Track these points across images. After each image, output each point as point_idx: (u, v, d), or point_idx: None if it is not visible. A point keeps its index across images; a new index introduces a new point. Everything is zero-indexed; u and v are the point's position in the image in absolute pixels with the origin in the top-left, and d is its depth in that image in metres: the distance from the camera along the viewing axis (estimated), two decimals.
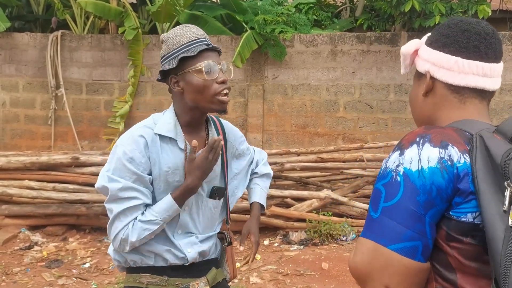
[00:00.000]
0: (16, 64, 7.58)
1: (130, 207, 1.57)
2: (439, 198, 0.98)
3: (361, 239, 1.04)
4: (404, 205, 0.98)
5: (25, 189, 5.08)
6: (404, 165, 1.01)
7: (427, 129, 1.05)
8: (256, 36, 6.99)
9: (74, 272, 4.25)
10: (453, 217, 0.98)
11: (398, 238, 0.98)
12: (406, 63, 1.22)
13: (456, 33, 1.11)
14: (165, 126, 1.65)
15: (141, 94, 7.45)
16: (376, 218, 1.02)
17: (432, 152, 1.00)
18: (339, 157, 5.69)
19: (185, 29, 1.65)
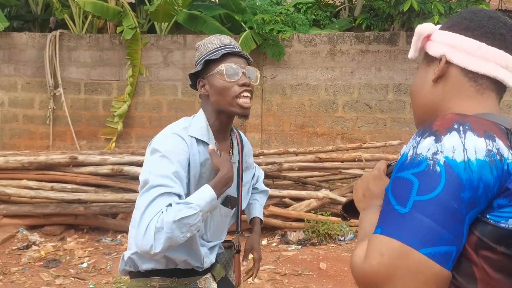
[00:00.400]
0: (14, 64, 7.57)
1: (164, 193, 1.46)
2: (484, 197, 0.83)
3: (381, 237, 0.84)
4: (445, 201, 0.81)
5: (23, 189, 5.08)
6: (444, 154, 0.84)
7: (462, 116, 0.89)
8: (255, 36, 6.99)
9: (72, 271, 4.24)
10: (491, 221, 0.84)
11: (434, 241, 0.80)
12: (417, 46, 1.09)
13: (481, 18, 1.00)
14: (199, 130, 1.67)
15: (139, 94, 7.45)
16: (405, 213, 0.83)
17: (479, 143, 0.84)
18: (338, 157, 5.69)
19: (216, 37, 1.74)
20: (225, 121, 1.72)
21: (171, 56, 7.34)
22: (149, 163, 1.56)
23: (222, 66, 1.64)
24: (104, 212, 5.09)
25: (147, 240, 1.40)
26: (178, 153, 1.56)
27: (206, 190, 1.52)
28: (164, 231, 1.39)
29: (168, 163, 1.52)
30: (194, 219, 1.44)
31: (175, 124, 1.68)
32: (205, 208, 1.48)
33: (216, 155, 1.61)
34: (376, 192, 1.06)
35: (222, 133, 1.74)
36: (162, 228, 1.39)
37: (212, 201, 1.51)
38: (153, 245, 1.39)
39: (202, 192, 1.51)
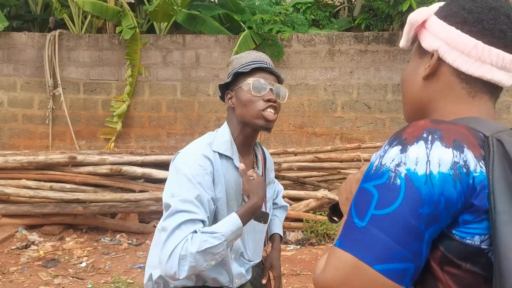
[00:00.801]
0: (14, 64, 7.57)
1: (188, 220, 1.46)
2: (446, 212, 0.77)
3: (337, 250, 0.81)
4: (402, 216, 0.77)
5: (22, 189, 5.08)
6: (407, 166, 0.79)
7: (435, 123, 0.83)
8: (254, 36, 6.99)
9: (71, 271, 4.25)
10: (456, 237, 0.78)
11: (389, 258, 0.76)
12: (410, 35, 1.00)
13: (481, 9, 0.89)
14: (223, 145, 1.66)
15: (138, 94, 7.45)
16: (361, 227, 0.79)
17: (445, 154, 0.78)
18: (336, 157, 5.69)
19: (251, 52, 1.75)
20: (249, 135, 1.71)
21: (170, 56, 7.34)
22: (172, 185, 1.55)
23: (250, 80, 1.64)
24: (103, 212, 5.10)
25: (170, 266, 1.42)
26: (202, 174, 1.55)
27: (233, 219, 1.52)
28: (188, 260, 1.41)
29: (191, 187, 1.52)
30: (218, 248, 1.45)
31: (199, 141, 1.68)
32: (230, 237, 1.49)
33: (248, 178, 1.59)
34: None
35: (246, 147, 1.74)
36: (186, 256, 1.41)
37: (238, 230, 1.51)
38: (177, 271, 1.42)
39: (229, 220, 1.52)
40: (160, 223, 1.52)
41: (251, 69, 1.66)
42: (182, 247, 1.42)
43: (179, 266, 1.41)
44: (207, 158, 1.59)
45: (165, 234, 1.46)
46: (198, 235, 1.44)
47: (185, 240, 1.43)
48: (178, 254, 1.41)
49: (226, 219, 1.52)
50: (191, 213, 1.47)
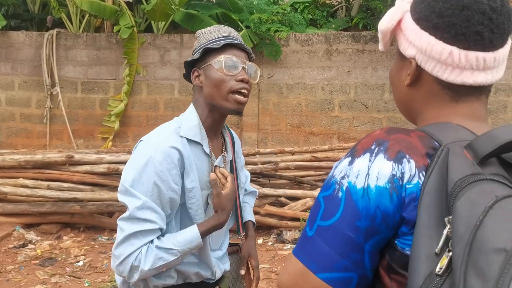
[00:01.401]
0: (11, 63, 7.57)
1: (145, 230, 1.39)
2: (385, 225, 0.78)
3: (291, 256, 0.86)
4: (341, 229, 0.79)
5: (19, 187, 5.08)
6: (349, 178, 0.80)
7: (387, 134, 0.83)
8: (252, 35, 7.00)
9: (68, 270, 4.25)
10: (398, 247, 0.79)
11: (330, 267, 0.79)
12: (385, 41, 0.96)
13: (452, 11, 0.83)
14: (191, 130, 1.54)
15: (136, 93, 7.45)
16: (310, 236, 0.82)
17: (384, 167, 0.78)
18: (334, 156, 5.71)
19: (219, 27, 1.62)
20: (218, 119, 1.60)
21: (168, 55, 7.35)
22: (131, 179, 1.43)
23: (222, 57, 1.52)
24: (100, 211, 5.11)
25: (121, 271, 1.41)
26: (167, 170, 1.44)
27: (193, 235, 1.46)
28: (139, 272, 1.40)
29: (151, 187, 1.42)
30: (172, 262, 1.44)
31: (164, 129, 1.55)
32: (187, 251, 1.46)
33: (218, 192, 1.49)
34: None
35: (214, 131, 1.63)
36: (138, 268, 1.39)
37: (196, 247, 1.47)
38: (127, 277, 1.42)
39: (188, 235, 1.45)
40: (119, 221, 1.44)
41: (222, 45, 1.53)
42: (136, 257, 1.39)
43: (129, 273, 1.40)
44: (174, 149, 1.46)
45: (121, 236, 1.41)
46: (154, 251, 1.39)
47: (139, 251, 1.39)
48: (131, 263, 1.38)
49: (186, 234, 1.45)
50: (148, 223, 1.40)
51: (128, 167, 1.47)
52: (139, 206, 1.40)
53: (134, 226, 1.39)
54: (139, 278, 1.41)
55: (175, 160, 1.46)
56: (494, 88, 6.89)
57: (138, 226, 1.39)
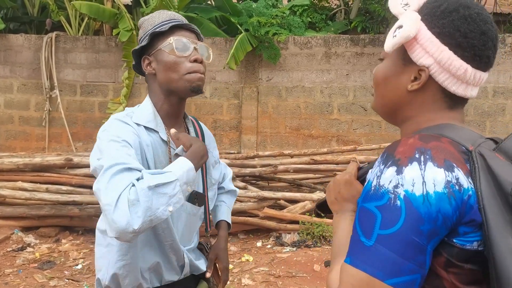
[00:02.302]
0: (10, 66, 7.57)
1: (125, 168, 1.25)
2: (444, 227, 0.85)
3: (350, 268, 0.88)
4: (406, 235, 0.84)
5: (18, 191, 5.08)
6: (405, 187, 0.85)
7: (424, 141, 0.89)
8: (251, 38, 7.01)
9: (66, 273, 4.24)
10: (457, 244, 0.87)
11: (398, 272, 0.84)
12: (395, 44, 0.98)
13: (475, 34, 0.94)
14: (145, 117, 1.49)
15: (135, 96, 7.45)
16: (370, 246, 0.86)
17: (438, 174, 0.85)
18: (332, 159, 5.71)
19: (162, 11, 1.57)
20: (176, 103, 1.54)
21: None
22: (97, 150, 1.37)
23: (171, 39, 1.46)
24: (99, 214, 5.05)
25: (120, 216, 1.16)
26: (126, 135, 1.38)
27: (182, 160, 1.35)
28: (140, 201, 1.18)
29: (119, 145, 1.34)
30: (172, 188, 1.25)
31: (117, 114, 1.49)
32: (183, 178, 1.30)
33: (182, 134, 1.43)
34: (347, 197, 1.09)
35: (174, 118, 1.56)
36: (137, 199, 1.18)
37: (190, 171, 1.32)
38: (129, 221, 1.16)
39: (178, 162, 1.34)
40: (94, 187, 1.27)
41: (169, 28, 1.48)
42: (129, 191, 1.19)
43: (131, 213, 1.17)
44: (127, 124, 1.42)
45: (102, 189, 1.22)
46: (146, 176, 1.24)
47: (130, 185, 1.20)
48: (126, 199, 1.17)
49: (175, 162, 1.34)
50: (126, 164, 1.26)
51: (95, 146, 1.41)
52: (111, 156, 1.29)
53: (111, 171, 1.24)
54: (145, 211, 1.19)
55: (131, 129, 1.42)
56: (493, 91, 6.91)
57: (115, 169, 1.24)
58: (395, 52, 1.02)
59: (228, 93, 7.28)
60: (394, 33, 0.99)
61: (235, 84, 7.29)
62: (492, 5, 8.70)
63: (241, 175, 5.42)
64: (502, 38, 6.85)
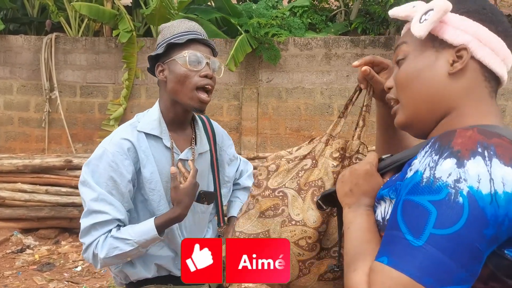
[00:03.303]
0: (10, 67, 7.56)
1: (101, 222, 1.47)
2: (506, 233, 0.74)
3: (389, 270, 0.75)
4: (466, 237, 0.72)
5: (17, 192, 5.07)
6: (468, 183, 0.73)
7: (485, 136, 0.78)
8: (251, 39, 7.00)
9: (66, 275, 4.23)
10: (508, 256, 0.76)
11: (450, 280, 0.72)
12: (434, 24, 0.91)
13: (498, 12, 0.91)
14: (149, 124, 1.57)
15: (135, 97, 7.44)
16: (418, 246, 0.74)
17: (507, 173, 0.74)
18: None
19: (183, 21, 1.62)
20: (181, 113, 1.61)
21: None
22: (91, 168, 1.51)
23: (186, 53, 1.52)
24: None
25: (87, 258, 1.52)
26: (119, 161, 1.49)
27: (149, 227, 1.47)
28: (99, 261, 1.49)
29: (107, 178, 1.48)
30: (131, 252, 1.48)
31: (124, 124, 1.62)
32: (144, 243, 1.48)
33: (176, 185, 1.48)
34: (365, 190, 0.96)
35: (179, 124, 1.63)
36: (97, 256, 1.47)
37: (153, 236, 1.47)
38: (93, 263, 1.53)
39: (144, 227, 1.47)
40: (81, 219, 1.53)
41: (186, 41, 1.54)
42: (96, 246, 1.47)
43: (93, 261, 1.51)
44: (126, 140, 1.52)
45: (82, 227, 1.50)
46: (109, 241, 1.46)
47: (97, 242, 1.47)
48: (92, 251, 1.48)
49: (142, 225, 1.49)
50: (104, 214, 1.47)
51: (88, 160, 1.55)
52: (94, 198, 1.47)
53: (91, 218, 1.48)
54: (102, 266, 1.51)
55: (126, 150, 1.51)
56: None
57: (95, 218, 1.47)
58: (420, 43, 0.95)
59: (228, 95, 7.27)
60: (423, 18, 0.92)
61: (235, 86, 7.28)
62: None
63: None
64: None
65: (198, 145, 1.67)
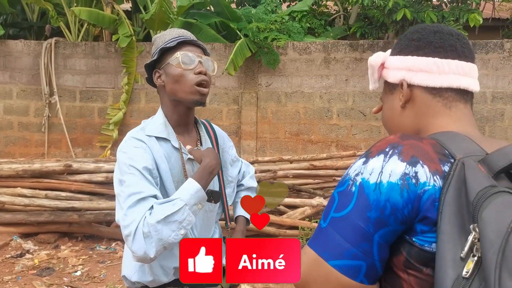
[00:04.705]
0: (10, 71, 7.58)
1: (140, 199, 1.43)
2: (393, 217, 0.85)
3: (306, 247, 0.94)
4: (353, 219, 0.87)
5: (17, 197, 5.07)
6: (363, 175, 0.89)
7: (401, 139, 0.91)
8: (250, 44, 7.02)
9: (65, 280, 4.23)
10: (416, 244, 0.86)
11: (340, 254, 0.87)
12: (375, 77, 1.11)
13: (427, 35, 1.03)
14: (156, 128, 1.63)
15: (134, 102, 7.46)
16: (323, 228, 0.91)
17: (398, 167, 0.86)
18: (332, 164, 5.70)
19: (173, 29, 1.71)
20: (183, 112, 1.67)
21: None
22: (117, 172, 1.54)
23: (178, 54, 1.61)
24: (98, 220, 5.08)
25: (138, 247, 1.37)
26: (140, 153, 1.54)
27: (190, 182, 1.49)
28: (152, 234, 1.37)
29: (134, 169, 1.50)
30: (181, 214, 1.42)
31: (133, 129, 1.66)
32: (191, 201, 1.45)
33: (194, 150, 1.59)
34: None
35: (184, 125, 1.70)
36: (149, 232, 1.37)
37: (198, 192, 1.47)
38: (146, 250, 1.37)
39: (186, 185, 1.49)
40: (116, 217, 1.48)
41: (177, 43, 1.63)
42: (144, 224, 1.38)
43: (146, 244, 1.37)
44: (140, 140, 1.57)
45: (121, 222, 1.43)
46: (156, 208, 1.41)
47: (144, 217, 1.39)
48: (141, 232, 1.37)
49: (183, 185, 1.49)
50: (140, 193, 1.44)
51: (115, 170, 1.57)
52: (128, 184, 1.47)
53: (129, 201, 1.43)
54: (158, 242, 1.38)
55: (144, 146, 1.56)
56: (492, 96, 6.91)
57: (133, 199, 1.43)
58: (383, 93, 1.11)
59: (227, 99, 7.29)
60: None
61: (235, 90, 7.30)
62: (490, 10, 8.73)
63: None
64: (501, 43, 6.86)
65: (203, 146, 1.75)
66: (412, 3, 6.94)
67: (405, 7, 6.53)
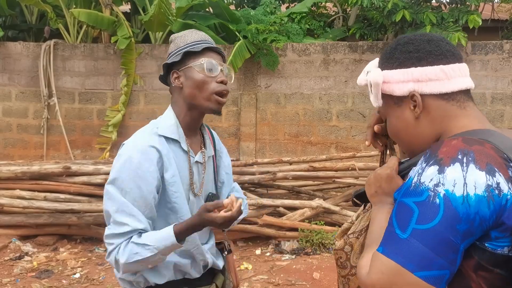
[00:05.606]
0: (9, 73, 7.57)
1: (124, 232, 1.49)
2: (480, 228, 0.90)
3: (381, 257, 0.94)
4: (441, 232, 0.89)
5: (16, 199, 5.05)
6: (445, 187, 0.90)
7: (467, 143, 0.94)
8: (249, 45, 7.02)
9: (64, 282, 4.22)
10: (489, 248, 0.92)
11: (428, 266, 0.90)
12: (379, 96, 1.13)
13: (422, 45, 1.08)
14: (169, 128, 1.62)
15: (134, 103, 7.45)
16: (404, 238, 0.92)
17: (479, 177, 0.90)
18: (331, 166, 5.69)
19: (194, 31, 1.71)
20: (196, 117, 1.68)
21: None
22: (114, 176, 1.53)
23: (203, 60, 1.61)
24: (97, 222, 5.07)
25: (111, 263, 1.54)
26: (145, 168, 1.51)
27: (168, 235, 1.48)
28: (120, 266, 1.50)
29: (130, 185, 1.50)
30: (152, 258, 1.48)
31: (143, 130, 1.63)
32: (165, 251, 1.49)
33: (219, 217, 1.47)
34: (388, 191, 1.13)
35: (193, 129, 1.70)
36: (119, 264, 1.50)
37: (173, 246, 1.49)
38: (116, 269, 1.56)
39: (164, 234, 1.48)
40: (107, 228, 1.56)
41: (202, 49, 1.62)
42: (118, 251, 1.49)
43: (116, 266, 1.53)
44: (153, 147, 1.55)
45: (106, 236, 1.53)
46: (129, 247, 1.48)
47: (118, 248, 1.49)
48: (114, 257, 1.50)
49: (162, 232, 1.50)
50: (124, 226, 1.49)
51: (113, 167, 1.56)
52: (115, 210, 1.51)
53: (113, 228, 1.52)
54: (124, 271, 1.53)
55: (153, 158, 1.54)
56: (491, 97, 6.91)
57: (116, 229, 1.50)
58: (387, 106, 1.14)
59: (226, 100, 7.28)
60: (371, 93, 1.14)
61: (234, 91, 7.29)
62: (489, 11, 8.73)
63: (240, 182, 5.40)
64: (500, 44, 6.86)
65: (207, 149, 1.76)
66: (411, 4, 6.93)
67: (404, 8, 6.53)
